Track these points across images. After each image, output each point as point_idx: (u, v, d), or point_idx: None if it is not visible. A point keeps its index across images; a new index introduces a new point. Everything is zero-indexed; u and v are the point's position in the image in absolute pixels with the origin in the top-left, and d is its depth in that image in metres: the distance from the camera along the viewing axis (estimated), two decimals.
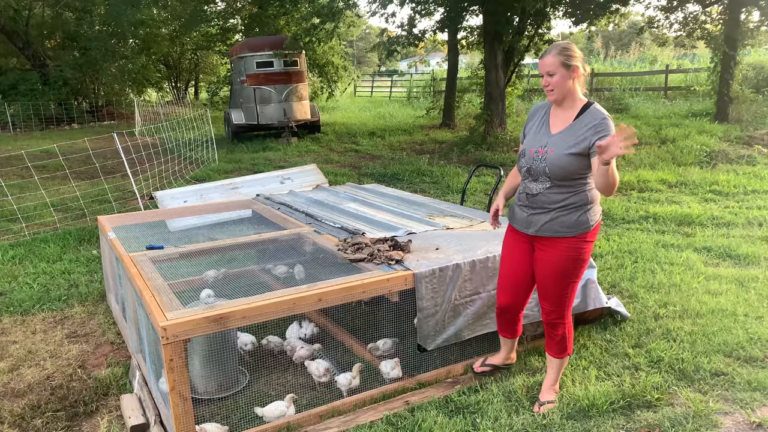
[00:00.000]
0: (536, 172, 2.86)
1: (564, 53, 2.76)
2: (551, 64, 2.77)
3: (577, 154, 2.75)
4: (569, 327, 3.11)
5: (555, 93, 2.82)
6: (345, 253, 3.67)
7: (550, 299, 3.01)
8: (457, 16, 13.38)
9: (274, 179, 7.06)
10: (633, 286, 4.81)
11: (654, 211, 7.18)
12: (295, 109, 14.89)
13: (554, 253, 2.90)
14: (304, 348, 3.72)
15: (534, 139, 2.93)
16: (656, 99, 19.09)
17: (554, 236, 2.88)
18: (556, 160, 2.77)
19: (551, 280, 2.95)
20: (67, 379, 3.78)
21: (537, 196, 2.90)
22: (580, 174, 2.80)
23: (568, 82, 2.79)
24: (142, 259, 3.77)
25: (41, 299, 5.03)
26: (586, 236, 2.88)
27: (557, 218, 2.85)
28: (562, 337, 3.10)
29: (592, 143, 2.70)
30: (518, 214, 3.04)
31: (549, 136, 2.87)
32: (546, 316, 3.08)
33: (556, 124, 2.88)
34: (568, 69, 2.76)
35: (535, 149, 2.88)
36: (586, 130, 2.75)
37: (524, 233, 3.02)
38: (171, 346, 2.76)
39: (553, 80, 2.79)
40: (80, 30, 22.13)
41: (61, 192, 8.98)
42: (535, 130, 2.97)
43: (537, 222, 2.91)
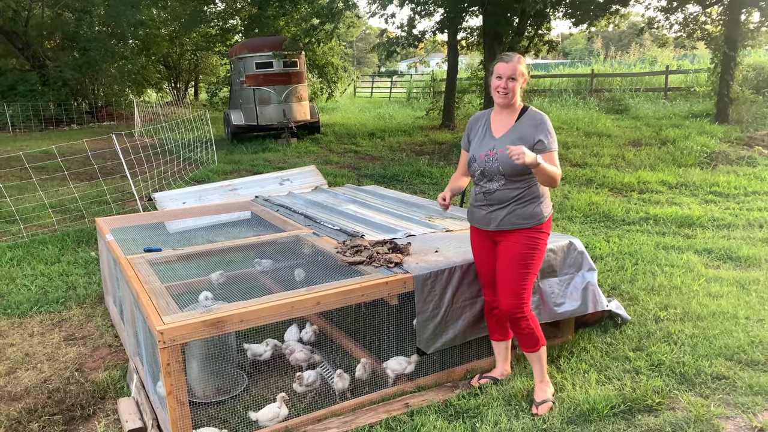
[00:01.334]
0: (490, 172, 3.07)
1: (522, 62, 3.04)
2: (515, 70, 3.01)
3: None
4: (533, 319, 3.21)
5: (509, 97, 3.04)
6: (344, 255, 3.65)
7: (508, 291, 3.11)
8: (456, 17, 13.36)
9: (273, 180, 7.04)
10: (633, 288, 4.79)
11: (654, 213, 7.16)
12: (294, 109, 14.87)
13: (513, 243, 3.09)
14: (302, 351, 3.70)
15: (480, 145, 3.14)
16: (656, 100, 19.07)
17: (513, 228, 3.09)
18: (506, 158, 2.96)
19: (510, 270, 3.10)
20: (65, 382, 3.76)
21: (495, 193, 3.09)
22: (527, 170, 2.99)
23: (518, 89, 3.05)
24: (140, 261, 3.75)
25: (39, 301, 5.01)
26: (541, 227, 3.11)
27: (514, 211, 3.07)
28: (528, 330, 3.18)
29: (537, 140, 3.00)
30: (477, 213, 3.23)
31: (494, 139, 3.10)
32: (508, 310, 3.14)
33: (498, 129, 3.13)
34: (523, 76, 3.05)
35: (484, 153, 3.09)
36: (528, 127, 3.03)
37: (485, 230, 3.20)
38: (168, 351, 2.74)
39: (512, 85, 3.02)
40: (80, 31, 22.09)
41: (60, 193, 8.96)
42: (479, 137, 3.18)
43: (496, 218, 3.11)
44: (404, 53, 15.34)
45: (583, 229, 6.74)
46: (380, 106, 23.60)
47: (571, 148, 11.74)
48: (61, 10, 22.82)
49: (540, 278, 3.63)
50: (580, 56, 40.89)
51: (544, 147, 2.99)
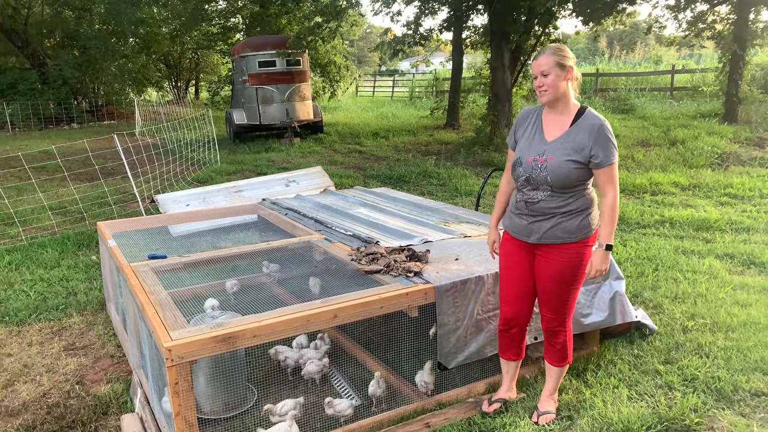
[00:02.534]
0: (536, 181, 2.77)
1: (559, 53, 2.71)
2: (546, 64, 2.70)
3: (577, 161, 2.69)
4: (569, 335, 3.01)
5: (549, 93, 2.73)
6: (359, 263, 3.46)
7: (551, 307, 2.92)
8: (462, 16, 13.17)
9: (279, 182, 6.85)
10: (656, 295, 4.60)
11: (670, 215, 6.97)
12: (297, 109, 14.68)
13: (556, 259, 2.82)
14: (314, 363, 3.51)
15: (529, 146, 2.83)
16: (662, 99, 18.88)
17: (557, 242, 2.80)
18: (557, 168, 2.69)
19: (553, 287, 2.86)
20: (65, 396, 3.58)
21: (538, 203, 2.80)
22: (581, 180, 2.74)
23: (563, 84, 2.72)
24: (144, 269, 3.56)
25: (38, 308, 4.83)
26: (587, 241, 2.82)
27: (560, 224, 2.77)
28: (562, 345, 3.00)
29: (592, 152, 2.67)
30: (517, 222, 2.92)
31: (545, 143, 2.78)
32: (546, 323, 2.98)
33: (551, 131, 2.80)
34: (563, 69, 2.71)
35: (532, 157, 2.78)
36: (584, 135, 2.70)
37: (524, 241, 2.91)
38: (176, 369, 2.55)
39: (547, 80, 2.71)
40: (80, 29, 21.88)
41: (60, 194, 8.77)
42: (528, 136, 2.87)
43: (539, 230, 2.82)
44: (410, 52, 15.14)
45: None
46: (383, 106, 23.40)
47: None
48: (61, 8, 22.60)
49: None
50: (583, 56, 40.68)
51: (600, 161, 2.66)
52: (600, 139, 2.67)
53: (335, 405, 3.05)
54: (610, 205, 2.72)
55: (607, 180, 2.71)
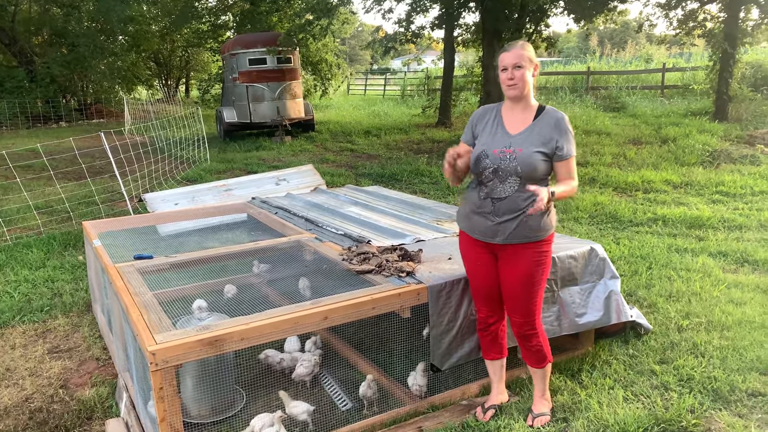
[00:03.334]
0: (506, 172, 2.74)
1: (528, 49, 2.74)
2: (520, 57, 2.70)
3: (544, 153, 2.72)
4: (543, 335, 2.97)
5: (518, 88, 2.73)
6: (350, 263, 3.39)
7: (520, 310, 2.87)
8: (454, 13, 13.11)
9: (269, 180, 6.76)
10: (650, 294, 4.56)
11: (662, 213, 6.95)
12: (288, 107, 14.56)
13: (521, 260, 2.80)
14: (303, 366, 3.44)
15: (492, 140, 2.80)
16: (653, 98, 18.92)
17: (522, 242, 2.78)
18: (527, 158, 2.70)
19: (519, 288, 2.83)
20: (48, 400, 3.48)
21: (505, 200, 2.76)
22: (544, 174, 2.76)
23: (530, 79, 2.75)
24: (129, 270, 3.48)
25: (22, 310, 4.72)
26: (549, 239, 2.84)
27: (525, 223, 2.75)
28: (538, 347, 2.95)
29: (557, 144, 2.72)
30: (479, 223, 2.85)
31: (510, 136, 2.78)
32: (517, 329, 2.92)
33: (514, 126, 2.80)
34: (532, 65, 2.74)
35: (499, 149, 2.76)
36: (548, 128, 2.73)
37: (486, 243, 2.86)
38: (161, 373, 2.47)
39: (519, 73, 2.71)
40: (68, 26, 21.62)
41: (47, 193, 8.63)
42: (489, 131, 2.85)
43: (505, 230, 2.78)
44: (401, 50, 15.08)
45: (590, 230, 6.52)
46: (374, 104, 23.32)
47: None
48: (49, 5, 22.33)
49: (560, 287, 3.39)
50: (575, 54, 40.72)
51: (563, 153, 2.72)
52: (564, 131, 2.73)
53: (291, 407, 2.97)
54: (573, 185, 2.75)
55: (567, 172, 2.74)
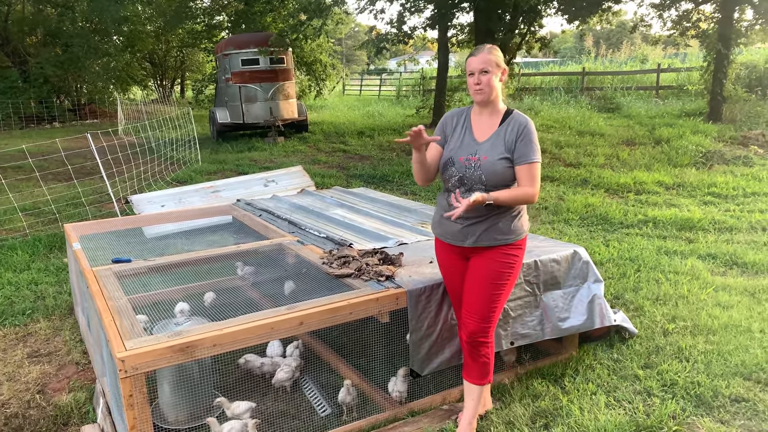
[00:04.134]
0: (471, 180, 2.71)
1: (495, 53, 2.70)
2: (486, 62, 2.66)
3: (509, 159, 2.69)
4: (492, 348, 2.87)
5: (485, 93, 2.69)
6: (330, 267, 3.35)
7: (477, 313, 2.77)
8: (447, 13, 13.07)
9: (258, 182, 6.73)
10: (638, 297, 4.53)
11: (653, 215, 6.92)
12: (281, 107, 14.51)
13: (488, 259, 2.76)
14: (283, 371, 3.39)
15: (459, 146, 2.77)
16: (648, 98, 18.90)
17: (492, 245, 2.75)
18: (492, 166, 2.67)
19: (481, 289, 2.76)
20: (24, 406, 3.43)
21: None
22: (512, 179, 2.72)
23: (497, 84, 2.71)
24: (106, 274, 3.43)
25: (4, 313, 4.67)
26: (519, 244, 2.80)
27: (494, 225, 2.73)
28: (485, 358, 2.84)
29: (516, 146, 2.68)
30: (449, 227, 2.81)
31: (476, 143, 2.74)
32: (469, 333, 2.80)
33: (482, 132, 2.77)
34: (499, 69, 2.71)
35: (465, 157, 2.73)
36: (513, 134, 2.69)
37: (458, 246, 2.82)
38: (130, 380, 2.43)
39: (485, 78, 2.67)
40: (62, 26, 21.53)
41: (35, 195, 8.57)
42: (458, 137, 2.81)
43: (474, 232, 2.75)
44: (394, 50, 15.03)
45: (580, 232, 6.48)
46: (369, 104, 23.27)
47: (565, 148, 11.50)
48: (43, 5, 22.23)
49: (543, 291, 3.35)
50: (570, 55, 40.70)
51: (520, 156, 2.65)
52: (523, 137, 2.67)
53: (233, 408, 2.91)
54: (525, 191, 2.64)
55: (527, 177, 2.65)
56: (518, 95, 20.49)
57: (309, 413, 3.21)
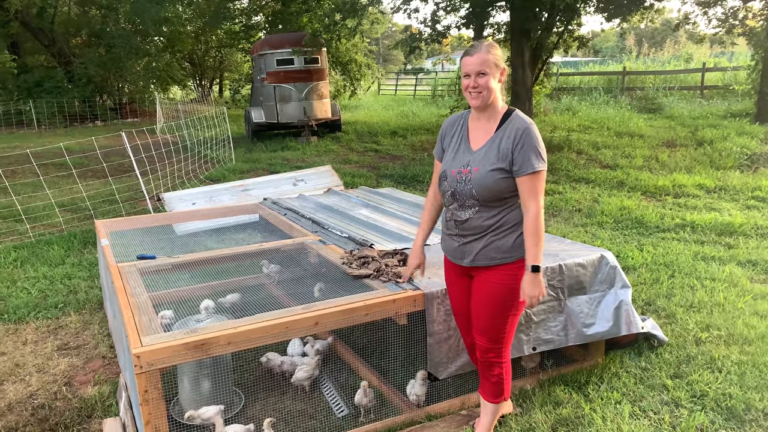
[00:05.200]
0: (462, 195, 2.51)
1: (494, 51, 2.46)
2: (484, 63, 2.43)
3: (503, 169, 2.44)
4: (507, 368, 2.72)
5: (483, 96, 2.46)
6: (350, 267, 3.33)
7: (487, 335, 2.63)
8: (482, 12, 12.92)
9: (287, 181, 6.77)
10: (670, 304, 4.37)
11: (691, 219, 6.69)
12: (315, 107, 14.59)
13: (491, 280, 2.56)
14: (303, 369, 3.38)
15: (454, 158, 2.58)
16: (692, 98, 18.34)
17: (491, 264, 2.53)
18: (482, 179, 2.45)
19: (488, 312, 2.59)
20: (51, 397, 3.51)
21: (467, 222, 2.54)
22: (510, 192, 2.47)
23: (496, 85, 2.48)
24: (130, 270, 3.48)
25: (37, 306, 4.80)
26: (523, 262, 2.52)
27: (492, 243, 2.51)
28: (498, 378, 2.71)
29: (514, 156, 2.42)
30: (449, 244, 2.69)
31: (470, 153, 2.53)
32: (481, 353, 2.68)
33: (477, 138, 2.55)
34: (498, 69, 2.47)
35: (456, 170, 2.53)
36: (509, 141, 2.44)
37: (459, 265, 2.66)
38: (145, 376, 2.45)
39: (483, 81, 2.44)
40: (105, 27, 22.15)
41: (74, 191, 8.81)
42: (453, 146, 2.61)
43: (471, 251, 2.57)
44: (429, 50, 14.94)
45: (614, 236, 6.31)
46: (404, 104, 23.22)
47: (602, 149, 11.25)
48: (88, 7, 22.89)
49: (567, 296, 3.26)
50: (611, 54, 39.79)
51: (520, 167, 2.41)
52: (522, 144, 2.41)
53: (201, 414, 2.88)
54: (532, 220, 2.41)
55: (528, 191, 2.42)
56: (556, 95, 20.15)
57: (326, 413, 3.19)
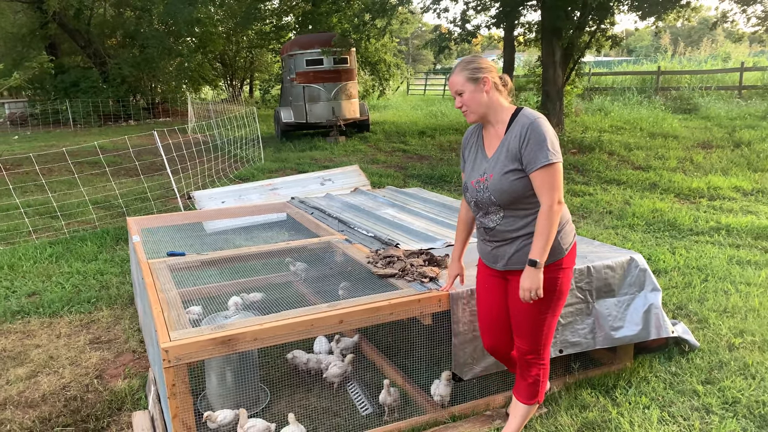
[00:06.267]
0: (484, 204, 2.53)
1: (468, 67, 2.48)
2: (457, 83, 2.50)
3: (516, 170, 2.43)
4: (545, 370, 2.69)
5: (470, 112, 2.51)
6: (375, 266, 3.33)
7: (526, 338, 2.61)
8: (512, 12, 12.81)
9: (315, 180, 6.81)
10: (703, 309, 4.27)
11: (726, 222, 6.52)
12: (343, 107, 14.66)
13: None
14: (337, 366, 3.39)
15: (473, 169, 2.60)
16: (729, 99, 17.89)
17: (524, 268, 2.48)
18: (497, 184, 2.44)
19: (525, 316, 2.57)
20: (83, 389, 3.60)
21: (494, 229, 2.54)
22: (530, 192, 2.44)
23: (482, 97, 2.48)
24: (161, 266, 3.55)
25: (71, 300, 4.92)
26: (561, 263, 2.51)
27: (524, 247, 2.49)
28: (535, 379, 2.68)
29: (523, 152, 2.40)
30: (483, 248, 2.69)
31: (486, 161, 2.54)
32: (520, 354, 2.67)
33: (491, 145, 2.55)
34: (476, 83, 2.47)
35: (476, 180, 2.55)
36: (516, 140, 2.43)
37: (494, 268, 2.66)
38: (173, 370, 2.49)
39: (464, 99, 2.49)
40: (140, 29, 22.61)
41: (107, 189, 9.02)
42: (471, 158, 2.64)
43: (503, 255, 2.56)
44: (458, 49, 14.87)
45: (645, 238, 6.19)
46: (433, 104, 23.16)
47: (634, 150, 11.05)
48: (123, 8, 23.39)
49: (596, 298, 3.21)
50: (645, 53, 39.01)
51: (528, 162, 2.37)
52: (529, 139, 2.38)
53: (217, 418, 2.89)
54: (542, 214, 2.38)
55: (541, 185, 2.37)
56: (588, 95, 19.87)
57: (351, 411, 3.21)
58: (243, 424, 2.78)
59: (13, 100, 22.88)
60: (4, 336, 4.36)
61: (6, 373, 3.82)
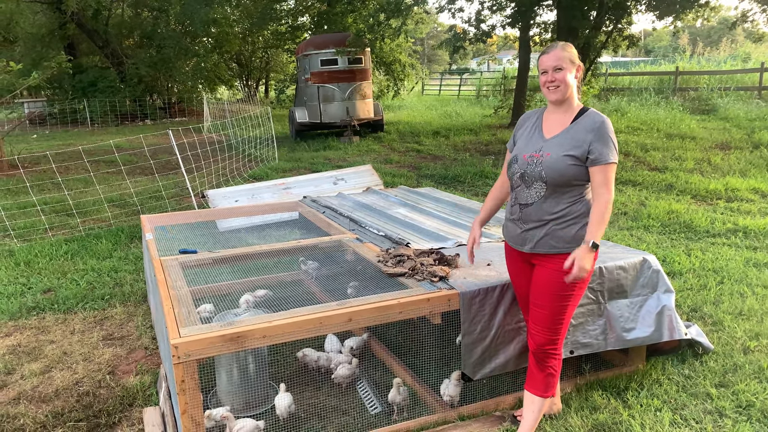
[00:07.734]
0: (531, 177, 2.62)
1: (570, 50, 2.62)
2: (560, 59, 2.58)
3: (574, 156, 2.54)
4: (560, 362, 2.74)
5: (560, 90, 2.60)
6: (385, 265, 3.33)
7: (544, 324, 2.68)
8: (528, 11, 12.75)
9: (327, 180, 6.82)
10: (718, 311, 4.21)
11: (744, 224, 6.43)
12: (358, 107, 14.67)
13: (550, 270, 2.63)
14: (346, 368, 3.40)
15: (526, 144, 2.71)
16: (749, 99, 17.63)
17: (551, 252, 2.62)
18: (554, 163, 2.55)
19: (545, 300, 2.65)
20: (96, 385, 3.64)
21: (531, 206, 2.64)
22: (578, 181, 2.57)
23: (573, 81, 2.62)
24: (172, 264, 3.57)
25: (85, 297, 4.98)
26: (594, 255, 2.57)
27: (553, 232, 2.60)
28: (552, 370, 2.73)
29: (590, 147, 2.53)
30: (511, 230, 2.79)
31: (544, 140, 2.65)
32: (536, 343, 2.72)
33: (551, 129, 2.67)
34: (574, 66, 2.62)
35: (528, 154, 2.66)
36: (584, 131, 2.56)
37: (520, 251, 2.75)
38: (183, 366, 2.51)
39: (560, 75, 2.58)
40: (157, 29, 22.83)
41: (123, 187, 9.11)
42: (527, 135, 2.75)
43: (532, 238, 2.66)
44: (474, 50, 14.83)
45: (660, 240, 6.13)
46: (448, 104, 23.11)
47: (651, 151, 10.94)
48: (140, 9, 23.62)
49: (608, 299, 3.18)
50: (663, 53, 38.58)
51: (597, 157, 2.51)
52: (600, 135, 2.52)
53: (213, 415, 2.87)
54: (604, 204, 2.50)
55: (602, 181, 2.51)
56: (604, 95, 19.70)
57: (360, 410, 3.20)
58: (232, 427, 2.79)
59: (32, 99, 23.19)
60: (19, 331, 4.42)
61: (21, 368, 3.87)
